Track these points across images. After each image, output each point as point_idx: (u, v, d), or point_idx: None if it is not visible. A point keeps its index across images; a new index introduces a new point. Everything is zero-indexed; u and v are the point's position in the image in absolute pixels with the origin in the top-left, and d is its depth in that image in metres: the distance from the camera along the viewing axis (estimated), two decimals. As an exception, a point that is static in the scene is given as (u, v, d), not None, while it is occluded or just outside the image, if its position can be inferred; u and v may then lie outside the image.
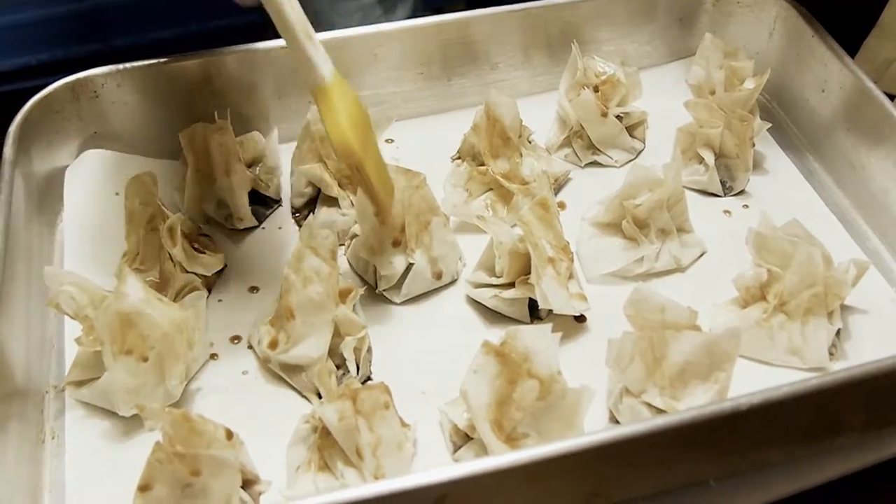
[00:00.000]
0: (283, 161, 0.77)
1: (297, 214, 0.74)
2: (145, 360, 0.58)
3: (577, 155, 0.79)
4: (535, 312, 0.66)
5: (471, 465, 0.49)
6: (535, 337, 0.56)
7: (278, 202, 0.76)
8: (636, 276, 0.69)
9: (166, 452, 0.50)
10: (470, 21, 0.81)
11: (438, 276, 0.68)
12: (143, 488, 0.51)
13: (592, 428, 0.56)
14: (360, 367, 0.62)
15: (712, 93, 0.78)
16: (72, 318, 0.60)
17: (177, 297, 0.65)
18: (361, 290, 0.63)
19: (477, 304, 0.67)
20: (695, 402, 0.57)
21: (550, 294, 0.62)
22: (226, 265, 0.70)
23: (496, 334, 0.59)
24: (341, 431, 0.54)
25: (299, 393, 0.62)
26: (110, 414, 0.60)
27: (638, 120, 0.80)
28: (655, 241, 0.69)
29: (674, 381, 0.57)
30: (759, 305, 0.64)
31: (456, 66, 0.82)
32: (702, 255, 0.71)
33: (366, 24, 0.79)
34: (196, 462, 0.50)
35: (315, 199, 0.73)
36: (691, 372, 0.57)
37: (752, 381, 0.59)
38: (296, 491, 0.55)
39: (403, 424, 0.58)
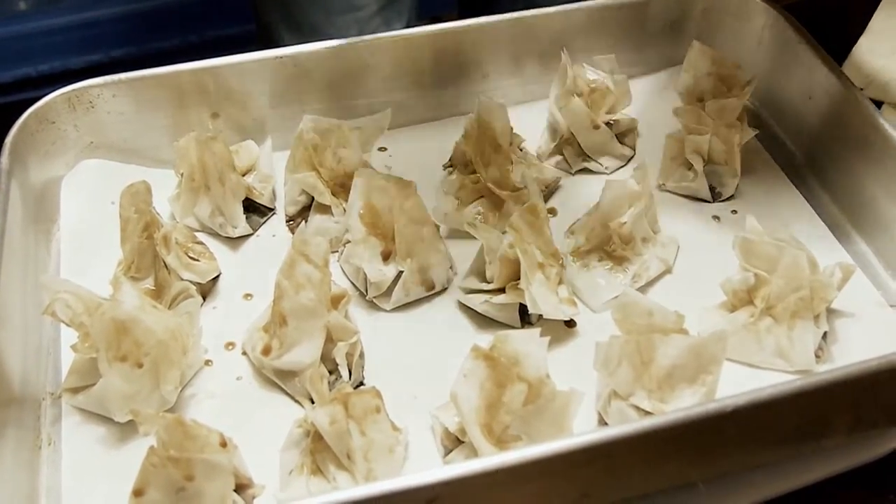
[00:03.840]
0: (277, 169, 0.78)
1: (291, 222, 0.75)
2: (140, 366, 0.59)
3: (567, 162, 0.80)
4: (525, 317, 0.66)
5: (462, 466, 0.49)
6: (524, 341, 0.57)
7: (272, 210, 0.76)
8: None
9: (160, 457, 0.51)
10: (462, 30, 0.81)
11: (429, 287, 0.69)
12: (138, 493, 0.51)
13: (581, 431, 0.57)
14: (353, 372, 0.62)
15: (701, 100, 0.79)
16: (68, 325, 0.61)
17: (171, 305, 0.66)
18: (353, 297, 0.64)
19: (467, 310, 0.68)
20: (682, 405, 0.57)
21: (540, 299, 0.63)
22: (220, 272, 0.71)
23: (486, 339, 0.59)
24: (333, 435, 0.55)
25: (292, 398, 0.63)
26: (106, 420, 0.61)
27: (628, 127, 0.81)
28: (643, 252, 0.69)
29: (661, 384, 0.58)
30: (746, 309, 0.65)
31: (448, 74, 0.83)
32: (678, 249, 0.72)
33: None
34: (190, 466, 0.51)
35: (308, 207, 0.74)
36: (679, 375, 0.58)
37: (740, 383, 0.60)
38: (289, 494, 0.56)
39: (395, 428, 0.59)
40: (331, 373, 0.62)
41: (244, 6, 1.17)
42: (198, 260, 0.69)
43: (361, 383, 0.63)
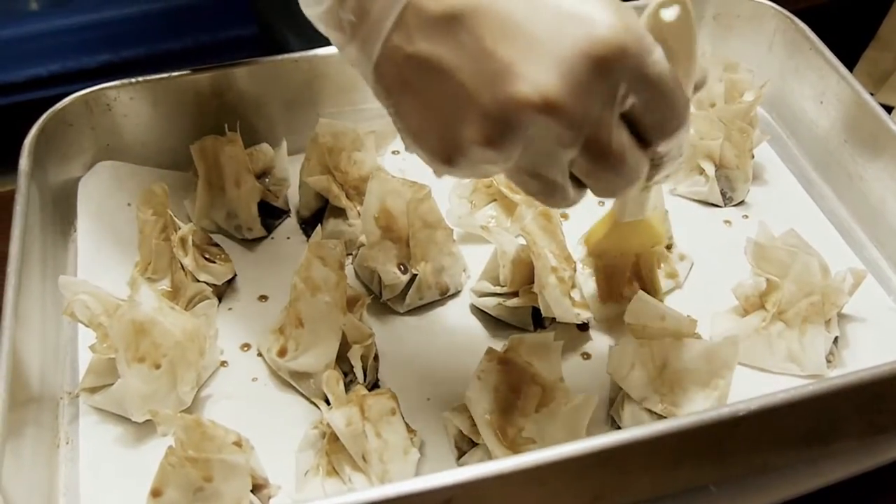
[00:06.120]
0: (292, 172, 0.78)
1: (306, 225, 0.76)
2: (158, 367, 0.60)
3: (580, 166, 0.80)
4: (538, 321, 0.67)
5: (476, 468, 0.50)
6: (538, 344, 0.58)
7: (287, 213, 0.77)
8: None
9: (178, 457, 0.52)
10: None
11: (443, 290, 0.69)
12: (156, 492, 0.52)
13: (594, 434, 0.57)
14: (368, 374, 0.63)
15: (712, 105, 0.80)
16: (86, 326, 0.62)
17: (188, 306, 0.66)
18: (368, 299, 0.65)
19: (481, 313, 0.69)
20: (695, 409, 0.58)
21: (553, 303, 0.64)
22: (236, 274, 0.71)
23: (500, 342, 0.60)
24: (349, 437, 0.56)
25: (308, 399, 0.63)
26: (123, 420, 0.61)
27: (640, 132, 0.81)
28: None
29: (674, 387, 0.58)
30: (758, 314, 0.65)
31: (461, 78, 0.83)
32: (691, 266, 0.72)
33: None
34: (207, 466, 0.52)
35: (323, 210, 0.74)
36: (691, 379, 0.59)
37: (751, 387, 0.60)
38: (304, 495, 0.57)
39: (409, 430, 0.59)
40: (346, 374, 0.63)
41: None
42: (213, 262, 0.70)
43: (376, 385, 0.64)
